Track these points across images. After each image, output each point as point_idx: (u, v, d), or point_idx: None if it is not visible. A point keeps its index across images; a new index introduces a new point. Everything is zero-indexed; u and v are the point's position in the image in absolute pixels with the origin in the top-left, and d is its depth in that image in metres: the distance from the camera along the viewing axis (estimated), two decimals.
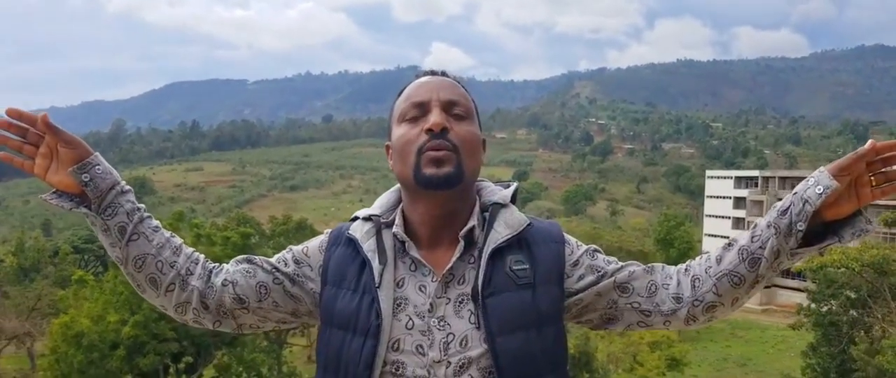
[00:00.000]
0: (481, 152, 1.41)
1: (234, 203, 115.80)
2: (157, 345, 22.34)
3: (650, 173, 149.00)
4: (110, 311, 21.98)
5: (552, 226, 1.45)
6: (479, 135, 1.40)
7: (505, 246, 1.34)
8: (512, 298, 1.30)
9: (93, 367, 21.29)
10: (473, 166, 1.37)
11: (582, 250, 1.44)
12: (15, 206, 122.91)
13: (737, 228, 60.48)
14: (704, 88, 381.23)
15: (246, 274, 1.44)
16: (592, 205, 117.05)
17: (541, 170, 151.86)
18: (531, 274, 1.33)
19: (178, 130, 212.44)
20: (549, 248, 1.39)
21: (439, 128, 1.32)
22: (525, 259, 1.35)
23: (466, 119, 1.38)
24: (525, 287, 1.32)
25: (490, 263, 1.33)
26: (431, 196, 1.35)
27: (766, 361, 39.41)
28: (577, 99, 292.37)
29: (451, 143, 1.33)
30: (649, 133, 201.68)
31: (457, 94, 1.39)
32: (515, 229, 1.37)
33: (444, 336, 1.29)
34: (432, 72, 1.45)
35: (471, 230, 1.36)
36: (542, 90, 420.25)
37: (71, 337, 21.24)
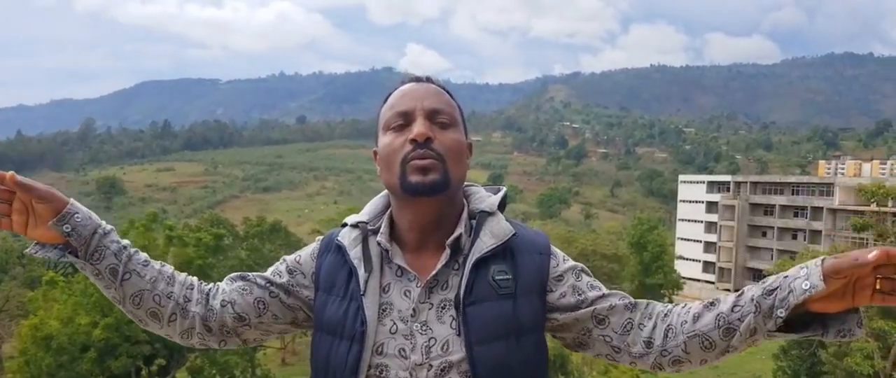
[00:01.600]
0: (467, 158, 1.44)
1: (207, 204, 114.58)
2: (129, 347, 21.99)
3: (624, 177, 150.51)
4: (81, 312, 21.58)
5: (538, 236, 1.45)
6: (463, 141, 1.42)
7: (489, 255, 1.36)
8: (492, 308, 1.32)
9: (62, 370, 20.88)
10: (459, 173, 1.39)
11: (567, 266, 1.44)
12: None
13: (709, 232, 61.35)
14: (677, 93, 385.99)
15: (242, 292, 1.46)
16: (567, 208, 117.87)
17: (516, 173, 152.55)
18: (513, 284, 1.35)
19: (150, 130, 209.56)
20: (532, 258, 1.40)
21: (423, 138, 1.34)
22: (508, 269, 1.36)
23: (451, 126, 1.40)
24: (506, 297, 1.34)
25: (473, 272, 1.34)
26: (418, 203, 1.37)
27: (736, 363, 39.81)
28: (551, 103, 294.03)
29: (435, 152, 1.35)
30: (623, 137, 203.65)
31: (441, 101, 1.41)
32: (500, 239, 1.38)
33: (425, 340, 1.32)
34: (417, 78, 1.46)
35: (458, 238, 1.38)
36: (517, 94, 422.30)
37: (40, 339, 20.82)
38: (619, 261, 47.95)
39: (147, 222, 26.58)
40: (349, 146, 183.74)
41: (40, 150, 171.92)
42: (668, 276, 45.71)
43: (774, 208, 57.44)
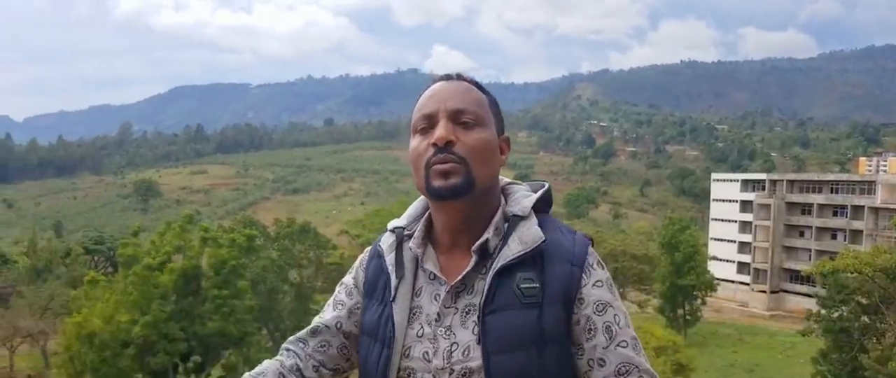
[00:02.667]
0: (497, 156, 1.41)
1: (238, 205, 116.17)
2: (166, 344, 22.53)
3: (654, 176, 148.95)
4: (121, 310, 22.18)
5: (578, 245, 1.37)
6: (491, 140, 1.38)
7: (515, 262, 1.32)
8: (514, 317, 1.30)
9: (105, 366, 21.48)
10: (486, 174, 1.37)
11: (597, 296, 1.34)
12: (27, 207, 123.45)
13: (743, 232, 60.51)
14: (709, 90, 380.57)
15: (323, 348, 1.50)
16: (595, 208, 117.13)
17: (542, 173, 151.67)
18: (539, 293, 1.31)
19: (183, 134, 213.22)
20: (563, 268, 1.33)
21: (443, 142, 1.33)
22: (536, 277, 1.32)
23: (477, 126, 1.37)
24: (531, 306, 1.30)
25: (497, 279, 1.32)
26: (445, 206, 1.37)
27: (774, 368, 39.30)
28: (578, 101, 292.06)
29: (456, 156, 1.33)
30: (653, 135, 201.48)
31: (466, 100, 1.38)
32: (528, 246, 1.34)
33: (448, 345, 1.33)
34: (447, 76, 1.45)
35: (485, 243, 1.36)
36: (543, 92, 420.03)
37: (84, 336, 21.44)
38: (649, 262, 47.58)
39: (183, 223, 27.15)
40: (375, 148, 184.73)
41: (81, 154, 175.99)
42: (700, 278, 45.14)
43: (812, 207, 56.38)
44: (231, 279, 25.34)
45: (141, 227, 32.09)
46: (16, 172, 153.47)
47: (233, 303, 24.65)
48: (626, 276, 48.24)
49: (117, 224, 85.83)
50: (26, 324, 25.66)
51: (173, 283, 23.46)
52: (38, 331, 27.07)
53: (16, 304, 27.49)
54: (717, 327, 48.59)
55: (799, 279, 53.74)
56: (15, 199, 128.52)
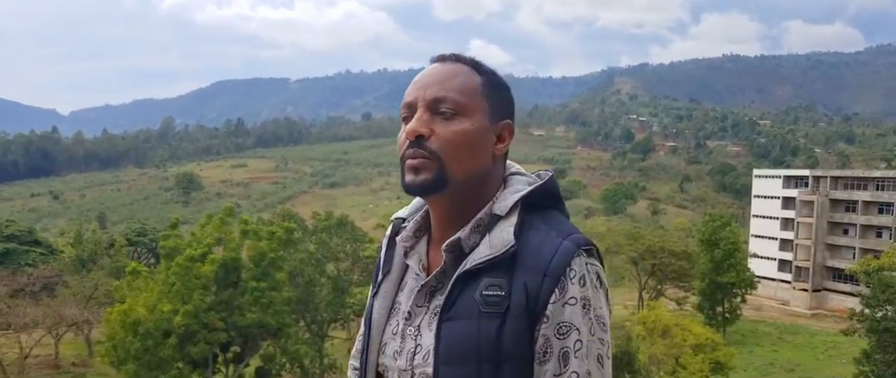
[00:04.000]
0: (483, 147, 1.28)
1: (277, 199, 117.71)
2: (206, 334, 23.02)
3: (693, 172, 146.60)
4: (164, 300, 22.73)
5: (559, 254, 1.21)
6: (471, 131, 1.26)
7: (483, 267, 1.21)
8: (469, 327, 1.19)
9: (147, 354, 22.06)
10: (464, 168, 1.26)
11: (564, 316, 1.19)
12: (72, 199, 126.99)
13: (786, 229, 59.28)
14: (751, 84, 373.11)
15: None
16: (633, 204, 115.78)
17: (579, 168, 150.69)
18: (504, 302, 1.18)
19: (224, 128, 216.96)
20: (533, 279, 1.19)
21: (413, 136, 1.25)
22: (504, 285, 1.19)
23: (457, 116, 1.26)
24: (491, 316, 1.18)
25: (461, 284, 1.22)
26: (428, 200, 1.32)
27: (815, 368, 38.52)
28: (617, 95, 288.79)
29: (427, 151, 1.24)
30: (693, 130, 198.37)
31: (447, 87, 1.27)
32: (495, 251, 1.22)
33: (412, 346, 1.26)
34: (441, 57, 1.34)
35: (457, 242, 1.27)
36: (582, 86, 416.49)
37: (129, 324, 22.02)
38: (688, 258, 46.92)
39: (223, 216, 27.67)
40: None
41: (125, 147, 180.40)
42: (740, 275, 44.37)
43: (857, 204, 54.95)
44: (270, 271, 25.75)
45: (181, 219, 32.80)
46: (62, 165, 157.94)
47: (271, 294, 25.04)
48: (664, 272, 47.70)
49: (159, 216, 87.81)
50: (71, 313, 26.41)
51: (214, 274, 23.93)
52: (82, 320, 27.86)
53: (61, 293, 28.30)
54: (756, 326, 47.81)
55: (842, 278, 52.54)
56: (61, 191, 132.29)
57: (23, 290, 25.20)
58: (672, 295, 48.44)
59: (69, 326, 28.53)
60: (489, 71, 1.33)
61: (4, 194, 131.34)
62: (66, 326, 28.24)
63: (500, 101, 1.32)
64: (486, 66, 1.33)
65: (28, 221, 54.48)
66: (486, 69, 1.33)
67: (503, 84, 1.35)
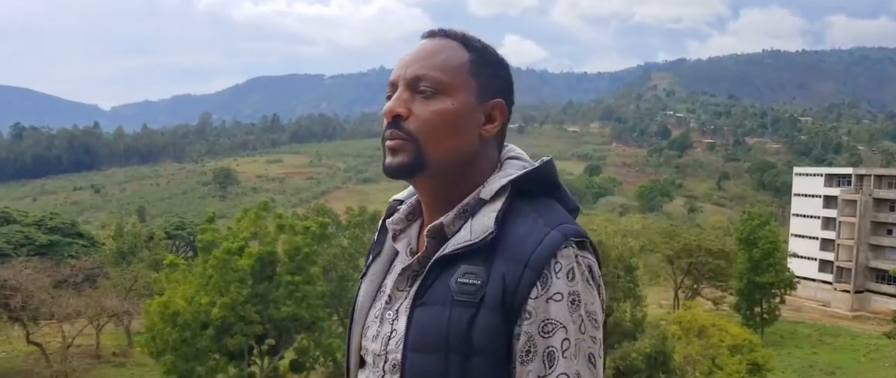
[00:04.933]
0: (467, 128, 1.22)
1: (311, 194, 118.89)
2: (243, 326, 23.35)
3: (732, 169, 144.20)
4: (201, 292, 23.12)
5: (544, 244, 1.12)
6: (452, 111, 1.20)
7: (462, 253, 1.15)
8: (440, 314, 1.12)
9: (185, 345, 22.47)
10: (444, 150, 1.20)
11: (549, 313, 1.10)
12: (113, 193, 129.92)
13: (827, 229, 57.97)
14: (792, 80, 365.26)
15: None
16: (669, 201, 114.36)
17: (614, 164, 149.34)
18: (479, 292, 1.11)
19: (260, 124, 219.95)
20: (513, 269, 1.11)
21: (389, 116, 1.21)
22: (481, 273, 1.12)
23: (437, 95, 1.20)
24: (464, 305, 1.11)
25: (437, 269, 1.16)
26: (412, 182, 1.27)
27: (856, 371, 37.62)
28: (653, 91, 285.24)
29: (404, 132, 1.20)
30: (731, 127, 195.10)
31: (429, 64, 1.21)
32: (474, 237, 1.15)
33: (389, 331, 1.21)
34: (430, 32, 1.28)
35: (439, 226, 1.21)
36: (617, 82, 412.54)
37: (167, 316, 22.46)
38: (726, 257, 46.17)
39: (258, 210, 28.02)
40: None
41: (163, 142, 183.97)
42: (780, 275, 43.51)
43: None
44: (304, 265, 26.01)
45: (218, 213, 33.32)
46: (103, 159, 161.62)
47: (305, 288, 25.29)
48: (700, 271, 47.01)
49: (197, 210, 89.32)
50: (112, 304, 27.01)
51: (251, 268, 24.27)
52: (122, 311, 28.49)
53: (103, 284, 28.97)
54: (795, 327, 46.90)
55: (885, 279, 51.22)
56: (102, 185, 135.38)
57: (66, 282, 25.85)
58: (708, 294, 47.73)
59: (110, 317, 29.19)
60: (480, 46, 1.26)
61: (48, 188, 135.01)
62: (107, 317, 28.90)
63: (491, 78, 1.25)
64: (477, 42, 1.26)
65: (71, 214, 55.87)
66: (477, 45, 1.26)
67: (496, 60, 1.27)
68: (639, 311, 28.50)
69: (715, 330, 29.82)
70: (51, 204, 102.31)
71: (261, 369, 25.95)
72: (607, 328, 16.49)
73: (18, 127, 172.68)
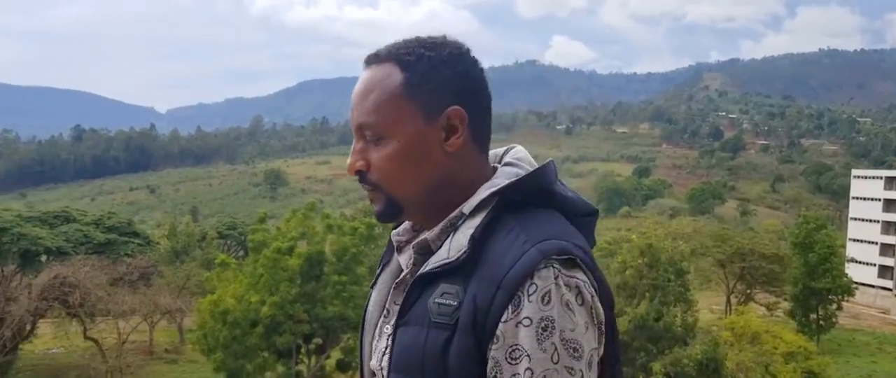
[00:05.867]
0: (426, 156, 1.14)
1: (358, 195, 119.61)
2: (292, 325, 23.67)
3: (786, 171, 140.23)
4: (251, 291, 23.53)
5: (519, 264, 1.03)
6: (402, 150, 1.13)
7: (440, 272, 1.08)
8: (416, 335, 1.07)
9: (235, 343, 22.89)
10: (409, 189, 1.15)
11: (517, 339, 1.01)
12: (167, 193, 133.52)
13: (887, 233, 55.93)
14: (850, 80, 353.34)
15: None
16: (721, 204, 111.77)
17: (664, 166, 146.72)
18: (455, 314, 1.05)
19: (310, 126, 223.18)
20: (484, 291, 1.04)
21: (351, 173, 1.18)
22: (459, 293, 1.05)
23: (382, 140, 1.14)
24: (440, 327, 1.05)
25: (419, 287, 1.11)
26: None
27: None
28: (705, 92, 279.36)
29: (370, 184, 1.16)
30: (786, 128, 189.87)
31: (365, 109, 1.14)
32: (452, 255, 1.08)
33: (383, 346, 1.17)
34: (367, 59, 1.19)
35: (424, 242, 1.16)
36: (668, 83, 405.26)
37: (218, 314, 22.93)
38: (780, 262, 44.91)
39: (306, 211, 28.37)
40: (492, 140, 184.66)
41: (216, 144, 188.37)
42: (837, 281, 42.10)
43: None
44: (351, 266, 26.22)
45: (268, 213, 33.86)
46: (159, 160, 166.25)
47: (352, 289, 25.49)
48: (754, 276, 45.84)
49: (248, 210, 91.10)
50: (165, 301, 27.66)
51: (300, 267, 24.59)
52: (175, 308, 29.18)
53: (157, 282, 29.72)
54: (853, 334, 45.36)
55: None
56: (157, 185, 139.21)
57: (122, 279, 26.58)
58: (762, 300, 46.49)
59: (163, 314, 29.92)
60: (415, 58, 1.14)
61: (106, 188, 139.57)
62: (161, 314, 29.63)
63: (437, 88, 1.14)
64: (412, 53, 1.15)
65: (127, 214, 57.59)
66: (411, 58, 1.14)
67: (439, 63, 1.15)
68: (690, 315, 27.92)
69: (769, 336, 29.06)
70: (108, 204, 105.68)
71: (308, 368, 26.26)
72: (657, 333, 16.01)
73: (79, 129, 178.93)
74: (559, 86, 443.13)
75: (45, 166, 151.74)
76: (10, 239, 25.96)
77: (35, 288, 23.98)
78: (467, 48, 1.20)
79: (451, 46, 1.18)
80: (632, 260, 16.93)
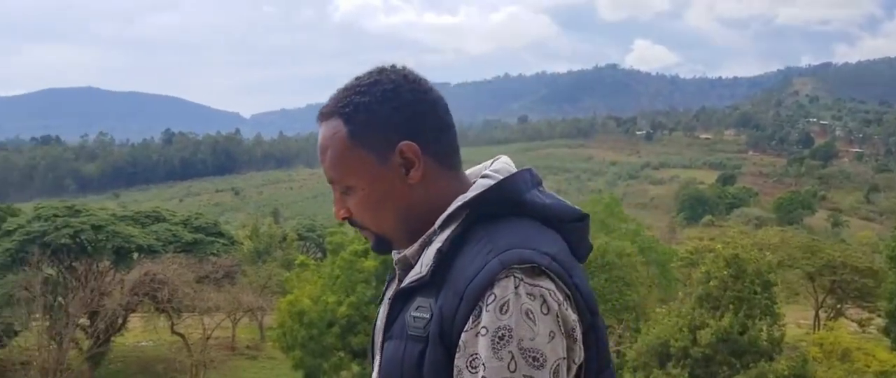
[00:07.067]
0: (391, 194, 1.18)
1: None
2: (366, 326, 23.98)
3: (883, 181, 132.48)
4: (328, 292, 23.99)
5: (481, 274, 1.05)
6: (370, 193, 1.19)
7: (416, 286, 1.13)
8: (397, 349, 1.12)
9: (312, 342, 23.40)
10: (388, 225, 1.21)
11: (475, 348, 1.04)
12: (250, 195, 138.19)
13: None
14: None
15: None
16: (810, 214, 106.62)
17: (750, 174, 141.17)
18: (427, 326, 1.08)
19: None
20: (449, 302, 1.07)
21: (340, 220, 1.26)
22: (432, 306, 1.09)
23: (350, 190, 1.20)
24: (415, 340, 1.09)
25: (400, 302, 1.16)
26: None
27: None
28: (795, 97, 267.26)
29: (358, 226, 1.25)
30: (883, 136, 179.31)
31: (327, 165, 1.21)
32: (422, 270, 1.13)
33: (379, 359, 1.20)
34: (318, 117, 1.25)
35: (404, 258, 1.22)
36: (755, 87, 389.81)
37: (295, 313, 23.49)
38: (874, 276, 42.35)
39: None
40: (569, 145, 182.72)
41: (297, 148, 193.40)
42: None
43: None
44: None
45: None
46: (243, 164, 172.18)
47: None
48: (845, 290, 43.43)
49: (326, 213, 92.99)
50: (248, 300, 28.41)
51: (375, 269, 24.93)
52: (257, 307, 29.99)
53: (240, 281, 30.53)
54: None
55: None
56: (241, 188, 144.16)
57: (207, 277, 27.41)
58: (853, 315, 43.99)
59: (245, 312, 30.78)
60: (352, 108, 1.18)
61: (193, 189, 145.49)
62: (243, 312, 30.48)
63: (377, 134, 1.18)
64: (350, 102, 1.19)
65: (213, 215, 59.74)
66: (350, 109, 1.18)
67: (376, 106, 1.18)
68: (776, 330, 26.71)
69: (860, 354, 27.48)
70: (195, 204, 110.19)
71: None
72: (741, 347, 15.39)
73: (169, 133, 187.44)
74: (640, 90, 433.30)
75: (137, 168, 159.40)
76: (105, 236, 27.23)
77: (127, 283, 25.01)
78: (404, 76, 1.23)
79: (384, 83, 1.19)
80: (716, 270, 16.31)
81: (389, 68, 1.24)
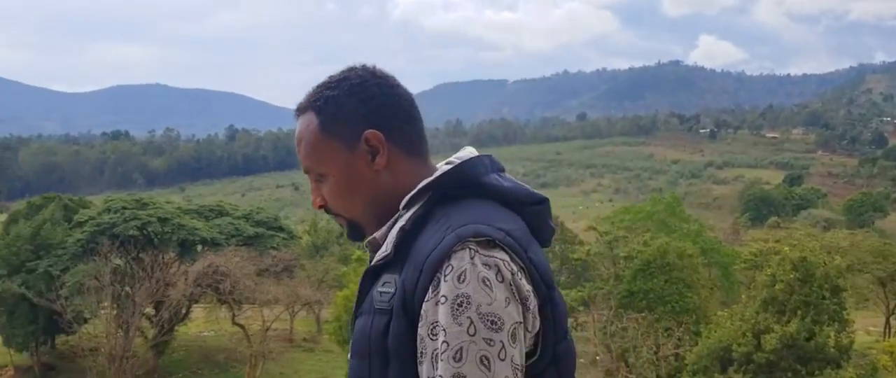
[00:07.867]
0: (361, 181, 1.29)
1: None
2: None
3: None
4: None
5: (439, 248, 1.13)
6: (341, 180, 1.30)
7: (382, 264, 1.22)
8: (365, 323, 1.19)
9: None
10: (358, 211, 1.31)
11: (435, 316, 1.11)
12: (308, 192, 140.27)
13: None
14: None
15: None
16: (883, 217, 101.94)
17: (819, 174, 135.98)
18: (392, 300, 1.16)
19: (444, 128, 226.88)
20: (410, 276, 1.15)
21: (317, 208, 1.36)
22: (396, 281, 1.17)
23: (324, 177, 1.32)
24: (381, 313, 1.17)
25: (369, 280, 1.24)
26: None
27: None
28: (868, 95, 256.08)
29: (334, 214, 1.35)
30: None
31: (303, 156, 1.34)
32: (387, 248, 1.22)
33: (351, 335, 1.30)
34: (295, 111, 1.37)
35: (374, 240, 1.29)
36: (825, 85, 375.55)
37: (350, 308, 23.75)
38: None
39: None
40: (628, 143, 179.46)
41: None
42: None
43: None
44: None
45: None
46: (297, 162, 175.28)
47: None
48: None
49: None
50: (306, 293, 28.82)
51: None
52: (314, 300, 30.44)
53: (298, 274, 31.00)
54: None
55: None
56: (301, 183, 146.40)
57: (267, 270, 27.91)
58: None
59: (303, 305, 31.26)
60: (323, 101, 1.30)
61: (255, 184, 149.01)
62: (301, 305, 30.97)
63: (345, 124, 1.29)
64: (321, 96, 1.31)
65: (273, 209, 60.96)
66: (321, 102, 1.31)
67: (344, 98, 1.30)
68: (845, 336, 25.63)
69: None
70: (257, 199, 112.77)
71: None
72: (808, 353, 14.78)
73: (232, 129, 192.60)
74: (704, 87, 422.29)
75: (202, 163, 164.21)
76: (171, 229, 28.04)
77: (191, 275, 25.71)
78: (372, 72, 1.32)
79: (352, 79, 1.30)
80: (782, 274, 15.69)
81: (359, 67, 1.33)
